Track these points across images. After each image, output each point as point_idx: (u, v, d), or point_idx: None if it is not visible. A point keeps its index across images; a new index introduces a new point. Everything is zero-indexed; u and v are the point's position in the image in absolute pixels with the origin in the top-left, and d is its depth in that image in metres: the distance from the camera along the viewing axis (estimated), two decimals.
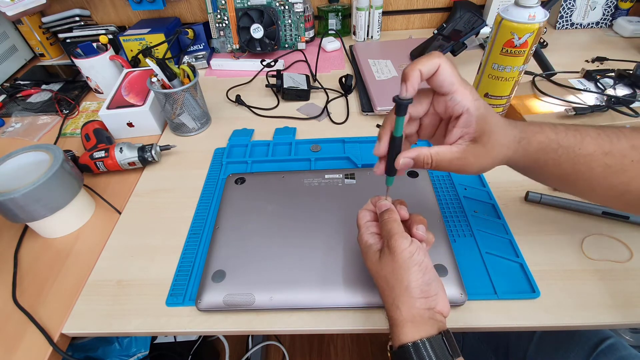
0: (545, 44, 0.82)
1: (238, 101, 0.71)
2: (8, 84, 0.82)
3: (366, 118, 0.66)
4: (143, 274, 0.44)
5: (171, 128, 0.66)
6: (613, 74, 0.64)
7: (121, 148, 0.56)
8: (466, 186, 0.50)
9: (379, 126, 0.63)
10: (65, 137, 0.68)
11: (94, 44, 0.75)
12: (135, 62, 0.82)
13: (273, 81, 0.74)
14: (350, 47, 0.87)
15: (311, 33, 0.90)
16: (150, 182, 0.57)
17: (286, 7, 0.81)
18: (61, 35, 0.86)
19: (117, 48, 0.83)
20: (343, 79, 0.72)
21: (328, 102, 0.70)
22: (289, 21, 0.83)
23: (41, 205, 0.45)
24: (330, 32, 0.91)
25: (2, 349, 0.38)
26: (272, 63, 0.80)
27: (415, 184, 0.49)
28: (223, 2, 0.80)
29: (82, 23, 0.88)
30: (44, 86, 0.81)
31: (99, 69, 0.74)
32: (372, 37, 0.91)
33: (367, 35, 0.91)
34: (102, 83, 0.76)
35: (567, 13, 0.87)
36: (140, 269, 0.45)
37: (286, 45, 0.88)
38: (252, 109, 0.70)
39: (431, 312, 0.30)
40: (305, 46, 0.87)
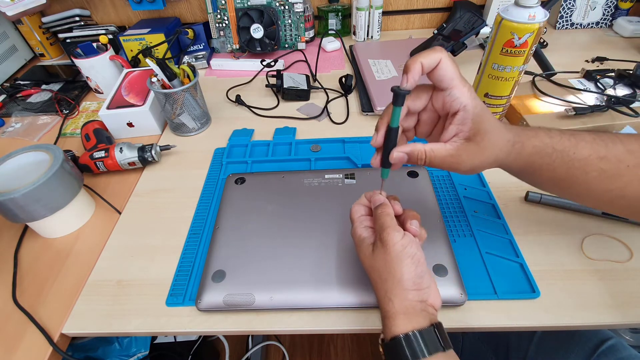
0: (545, 44, 0.82)
1: (238, 101, 0.71)
2: (8, 84, 0.82)
3: (366, 118, 0.66)
4: (143, 274, 0.44)
5: (171, 128, 0.66)
6: (613, 74, 0.64)
7: (121, 148, 0.56)
8: (466, 186, 0.50)
9: None
10: (65, 137, 0.68)
11: (94, 44, 0.75)
12: (135, 62, 0.82)
13: (273, 81, 0.74)
14: (350, 47, 0.87)
15: (311, 33, 0.90)
16: (150, 182, 0.57)
17: (286, 7, 0.81)
18: (61, 35, 0.86)
19: (117, 48, 0.83)
20: (343, 79, 0.72)
21: (328, 102, 0.70)
22: (289, 21, 0.83)
23: (41, 205, 0.45)
24: (330, 32, 0.91)
25: (2, 349, 0.38)
26: (272, 63, 0.80)
27: (415, 184, 0.49)
28: (223, 2, 0.80)
29: (82, 23, 0.88)
30: (44, 86, 0.81)
31: (99, 69, 0.74)
32: (372, 37, 0.91)
33: (367, 35, 0.91)
34: (102, 83, 0.76)
35: (567, 13, 0.87)
36: (140, 269, 0.45)
37: (286, 45, 0.87)
38: (252, 109, 0.70)
39: (423, 305, 0.30)
40: (305, 46, 0.87)
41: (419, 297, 0.30)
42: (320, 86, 0.74)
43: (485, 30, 0.70)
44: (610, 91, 0.60)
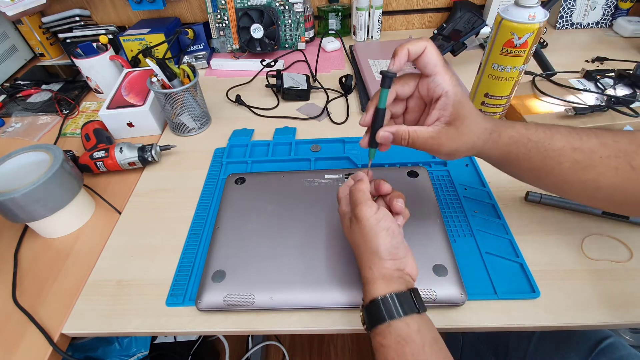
0: (545, 44, 0.82)
1: (238, 101, 0.71)
2: (8, 84, 0.82)
3: None
4: (143, 274, 0.44)
5: (171, 128, 0.66)
6: (613, 74, 0.64)
7: (121, 148, 0.56)
8: (466, 186, 0.50)
9: None
10: (65, 137, 0.68)
11: (94, 44, 0.75)
12: (135, 62, 0.82)
13: (273, 81, 0.74)
14: (350, 47, 0.87)
15: (311, 33, 0.90)
16: (150, 182, 0.57)
17: (286, 7, 0.81)
18: (61, 35, 0.86)
19: (117, 48, 0.83)
20: (343, 79, 0.72)
21: (328, 102, 0.70)
22: (289, 21, 0.83)
23: (41, 205, 0.45)
24: (330, 32, 0.91)
25: (2, 349, 0.38)
26: (272, 63, 0.80)
27: (415, 184, 0.49)
28: (223, 2, 0.80)
29: (82, 23, 0.88)
30: (44, 86, 0.81)
31: (99, 69, 0.74)
32: (372, 37, 0.91)
33: (367, 35, 0.91)
34: (102, 83, 0.76)
35: (567, 13, 0.87)
36: (140, 269, 0.45)
37: (286, 45, 0.87)
38: (252, 109, 0.70)
39: (400, 273, 0.32)
40: (305, 46, 0.87)
41: (396, 266, 0.32)
42: (320, 86, 0.74)
43: (485, 30, 0.70)
44: (610, 91, 0.60)
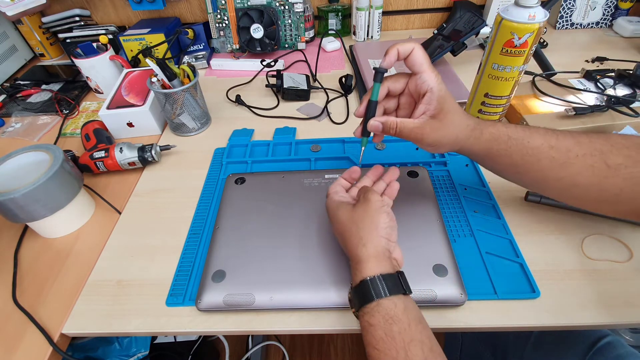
0: (545, 44, 0.82)
1: (238, 101, 0.71)
2: (8, 84, 0.82)
3: None
4: (143, 274, 0.44)
5: (171, 128, 0.66)
6: (613, 74, 0.64)
7: (121, 148, 0.56)
8: (466, 186, 0.50)
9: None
10: (65, 137, 0.68)
11: (94, 44, 0.75)
12: (135, 62, 0.82)
13: (273, 81, 0.74)
14: (350, 47, 0.87)
15: (311, 33, 0.90)
16: (150, 182, 0.57)
17: (286, 7, 0.81)
18: (61, 35, 0.86)
19: (117, 48, 0.83)
20: (343, 79, 0.72)
21: (328, 102, 0.70)
22: (289, 21, 0.83)
23: (41, 205, 0.45)
24: (330, 32, 0.91)
25: (2, 349, 0.38)
26: (272, 63, 0.80)
27: (415, 184, 0.49)
28: (223, 2, 0.80)
29: (82, 23, 0.88)
30: (44, 86, 0.81)
31: (99, 69, 0.74)
32: (372, 37, 0.91)
33: (367, 35, 0.91)
34: (102, 83, 0.76)
35: (567, 13, 0.87)
36: (140, 269, 0.45)
37: (286, 45, 0.87)
38: (252, 109, 0.70)
39: (390, 254, 0.34)
40: (305, 46, 0.87)
41: (388, 246, 0.34)
42: (320, 86, 0.74)
43: (485, 30, 0.70)
44: (610, 91, 0.60)
